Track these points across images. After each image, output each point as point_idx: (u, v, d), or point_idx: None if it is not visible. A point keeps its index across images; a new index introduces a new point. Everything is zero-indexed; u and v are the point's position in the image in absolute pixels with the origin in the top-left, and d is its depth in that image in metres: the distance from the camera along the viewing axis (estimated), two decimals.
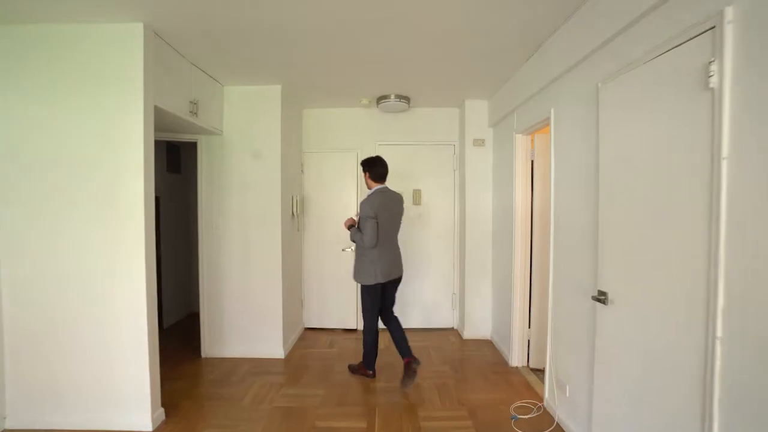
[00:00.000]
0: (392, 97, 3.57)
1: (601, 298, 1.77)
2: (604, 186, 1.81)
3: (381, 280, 2.78)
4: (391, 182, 3.85)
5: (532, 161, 3.06)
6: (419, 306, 4.09)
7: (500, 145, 3.52)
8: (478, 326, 3.80)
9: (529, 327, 3.10)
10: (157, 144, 3.98)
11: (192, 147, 3.46)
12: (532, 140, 3.05)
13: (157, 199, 4.02)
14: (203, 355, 3.34)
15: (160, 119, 2.63)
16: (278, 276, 3.31)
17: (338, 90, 3.47)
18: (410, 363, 2.76)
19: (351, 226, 2.90)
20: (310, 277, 4.08)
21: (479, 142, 3.74)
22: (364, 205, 2.75)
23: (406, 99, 3.64)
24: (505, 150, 3.37)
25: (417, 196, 4.03)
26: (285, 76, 3.12)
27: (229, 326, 3.34)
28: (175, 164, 4.37)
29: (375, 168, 2.90)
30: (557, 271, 2.40)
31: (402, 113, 3.98)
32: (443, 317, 4.11)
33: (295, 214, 3.68)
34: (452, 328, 4.11)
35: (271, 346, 3.34)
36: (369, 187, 2.94)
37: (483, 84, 3.32)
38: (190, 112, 2.74)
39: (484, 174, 3.75)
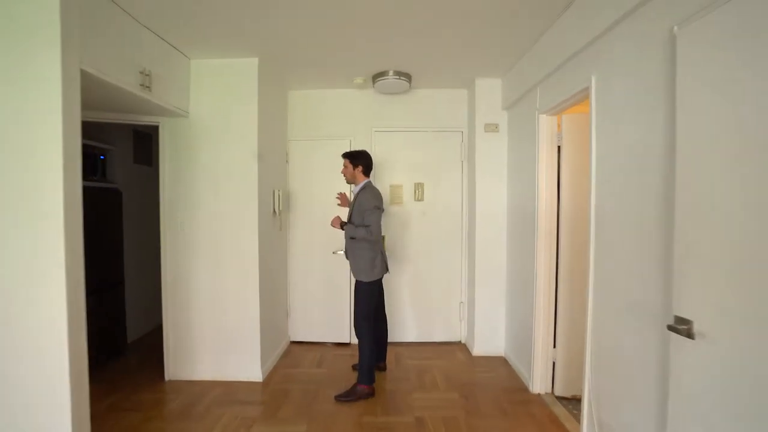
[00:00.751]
0: (391, 73, 3.05)
1: (682, 328, 1.25)
2: (682, 175, 1.28)
3: (384, 272, 2.72)
4: (390, 174, 3.32)
5: (559, 147, 2.54)
6: (422, 316, 3.58)
7: (518, 130, 3.00)
8: (490, 341, 3.29)
9: (555, 346, 2.59)
10: (119, 129, 3.46)
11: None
12: (559, 122, 2.53)
13: (118, 193, 3.47)
14: (167, 377, 2.83)
15: (101, 93, 2.13)
16: (255, 284, 2.80)
17: (328, 66, 2.95)
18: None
19: (343, 224, 2.65)
20: (297, 283, 3.56)
21: (492, 128, 3.22)
22: (366, 196, 2.59)
23: (407, 77, 3.11)
24: (524, 135, 2.84)
25: (419, 190, 3.51)
26: (263, 46, 2.60)
27: (197, 343, 2.83)
28: (145, 154, 3.83)
29: (366, 161, 2.71)
30: (600, 282, 1.88)
31: (402, 95, 3.46)
32: (449, 329, 3.59)
33: (277, 211, 3.16)
34: (460, 341, 3.59)
35: (247, 367, 2.82)
36: (356, 181, 2.71)
37: (496, 58, 2.80)
38: (141, 85, 2.22)
39: (497, 164, 3.23)
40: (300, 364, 3.18)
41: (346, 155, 2.72)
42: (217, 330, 2.82)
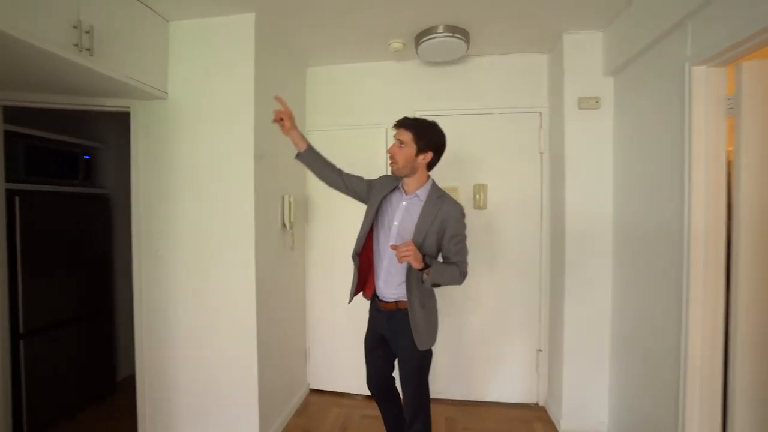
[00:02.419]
0: (440, 29, 2.15)
1: None
2: None
3: None
4: (439, 173, 2.40)
5: (731, 119, 1.50)
6: (482, 366, 2.62)
7: (637, 101, 1.96)
8: (586, 409, 2.26)
9: None
10: (109, 122, 2.70)
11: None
12: (732, 77, 1.49)
13: (107, 200, 2.78)
14: None
15: (5, 53, 1.44)
16: (251, 325, 2.02)
17: (353, 21, 2.11)
18: None
19: (427, 263, 1.49)
20: (317, 318, 2.76)
21: (589, 103, 2.20)
22: (454, 209, 1.58)
23: (463, 34, 2.20)
24: (651, 106, 1.82)
25: (480, 195, 2.56)
26: None
27: (179, 402, 2.11)
28: None
29: (441, 141, 1.62)
30: None
31: (455, 65, 2.55)
32: (521, 386, 2.60)
33: (287, 224, 2.38)
34: (536, 404, 2.59)
35: None
36: (413, 174, 1.61)
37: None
38: (75, 45, 1.52)
39: (597, 155, 2.21)
40: (317, 427, 2.36)
41: (406, 124, 1.57)
42: (201, 389, 2.08)
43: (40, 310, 2.24)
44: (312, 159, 1.72)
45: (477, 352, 2.62)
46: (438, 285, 1.54)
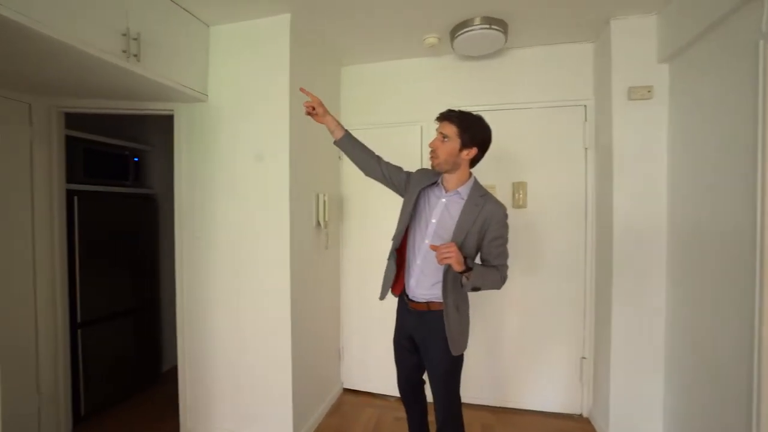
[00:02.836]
0: (477, 22, 2.08)
1: None
2: None
3: None
4: (481, 169, 2.31)
5: None
6: (516, 371, 2.50)
7: (699, 88, 1.79)
8: (636, 421, 2.09)
9: None
10: (158, 125, 2.71)
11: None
12: None
13: (154, 200, 2.92)
14: (182, 431, 2.23)
15: (62, 63, 1.55)
16: (286, 323, 2.05)
17: (387, 17, 2.09)
18: None
19: (468, 266, 1.41)
20: (351, 318, 2.76)
21: (641, 92, 2.04)
22: (497, 210, 1.50)
23: (501, 25, 2.11)
24: (714, 94, 1.65)
25: (519, 193, 2.46)
26: None
27: (217, 395, 2.18)
28: None
29: (486, 135, 1.54)
30: None
31: (492, 59, 2.46)
32: (563, 395, 2.46)
33: (322, 222, 2.39)
34: (580, 415, 2.43)
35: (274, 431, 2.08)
36: (454, 170, 1.53)
37: None
38: (123, 52, 1.60)
39: (649, 148, 2.04)
40: (349, 427, 2.35)
41: (451, 117, 1.49)
42: (237, 381, 2.13)
43: (94, 302, 2.40)
44: (349, 145, 1.69)
45: (515, 357, 2.51)
46: (478, 289, 1.48)
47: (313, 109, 1.62)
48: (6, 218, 1.95)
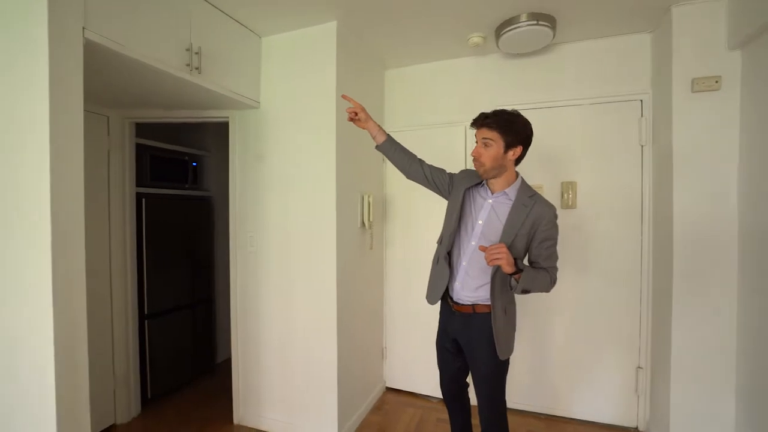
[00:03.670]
0: (523, 18, 2.03)
1: None
2: None
3: None
4: (528, 168, 2.25)
5: None
6: (566, 378, 2.40)
7: None
8: None
9: None
10: (214, 132, 3.01)
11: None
12: None
13: (210, 202, 3.13)
14: (235, 420, 2.36)
15: (136, 79, 1.70)
16: (332, 324, 2.12)
17: (431, 18, 2.09)
18: None
19: (519, 267, 1.40)
20: (395, 317, 2.79)
21: (707, 84, 1.89)
22: (547, 210, 1.46)
23: (549, 20, 2.05)
24: None
25: (569, 192, 2.36)
26: (341, 0, 1.90)
27: (267, 386, 2.29)
28: None
29: (528, 134, 1.49)
30: None
31: (539, 55, 2.39)
32: (615, 406, 2.33)
33: (366, 223, 2.44)
34: (635, 428, 2.29)
35: (321, 425, 2.15)
36: (500, 175, 1.50)
37: None
38: (187, 65, 1.74)
39: (715, 144, 1.89)
40: (392, 426, 2.38)
41: (488, 121, 1.45)
42: (286, 374, 2.23)
43: (159, 296, 2.62)
44: (391, 149, 1.70)
45: (564, 364, 2.41)
46: (527, 291, 1.44)
47: (356, 114, 1.65)
48: (90, 220, 2.17)
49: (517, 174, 1.55)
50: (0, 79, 1.26)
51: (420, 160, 1.73)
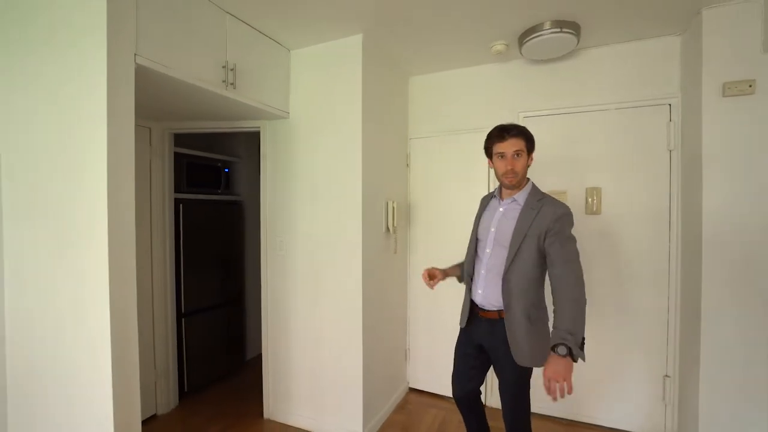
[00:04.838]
0: (547, 26, 2.05)
1: None
2: None
3: None
4: (544, 176, 2.28)
5: None
6: (589, 384, 2.39)
7: None
8: None
9: None
10: (245, 139, 3.20)
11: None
12: None
13: (241, 206, 3.29)
14: (265, 415, 2.49)
15: (177, 95, 1.84)
16: (357, 325, 2.20)
17: (454, 27, 2.13)
18: None
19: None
20: (418, 319, 2.84)
21: (739, 87, 1.85)
22: (559, 213, 1.46)
23: (572, 27, 2.05)
24: None
25: (593, 198, 2.35)
26: (367, 15, 1.98)
27: (295, 383, 2.40)
28: None
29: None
30: None
31: (563, 61, 2.39)
32: (641, 414, 2.30)
33: (391, 228, 2.52)
34: None
35: (346, 423, 2.24)
36: (521, 181, 1.57)
37: None
38: (223, 81, 1.87)
39: (747, 149, 1.85)
40: (415, 425, 2.44)
41: (517, 132, 1.52)
42: (314, 372, 2.33)
43: (194, 296, 2.78)
44: (464, 271, 1.74)
45: (588, 369, 2.39)
46: (582, 339, 1.38)
47: (432, 278, 1.72)
48: (137, 225, 2.35)
49: (528, 179, 1.61)
50: (52, 104, 1.40)
51: (465, 259, 1.75)
